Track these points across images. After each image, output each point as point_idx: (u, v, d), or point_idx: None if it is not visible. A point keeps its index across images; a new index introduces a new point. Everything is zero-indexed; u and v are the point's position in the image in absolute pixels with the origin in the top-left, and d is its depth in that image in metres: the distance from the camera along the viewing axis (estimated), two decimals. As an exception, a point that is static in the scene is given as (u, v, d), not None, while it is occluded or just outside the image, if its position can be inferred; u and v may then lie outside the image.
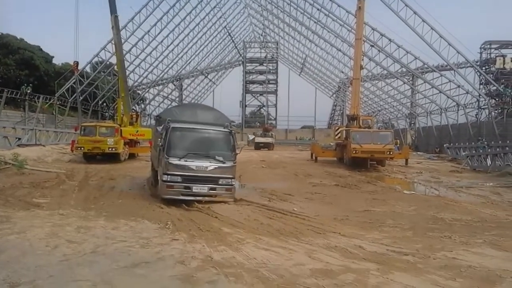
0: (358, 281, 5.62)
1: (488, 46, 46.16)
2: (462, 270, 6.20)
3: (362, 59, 32.40)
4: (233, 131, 12.19)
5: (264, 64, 77.16)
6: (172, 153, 11.13)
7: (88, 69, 49.48)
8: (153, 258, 6.39)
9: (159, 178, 11.58)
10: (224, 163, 11.39)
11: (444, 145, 37.72)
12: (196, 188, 11.08)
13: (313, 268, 6.15)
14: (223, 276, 5.67)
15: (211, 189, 11.23)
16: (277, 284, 5.45)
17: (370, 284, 5.56)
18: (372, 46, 43.84)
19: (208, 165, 11.22)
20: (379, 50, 44.40)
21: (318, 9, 45.75)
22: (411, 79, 51.96)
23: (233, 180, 11.59)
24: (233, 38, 72.82)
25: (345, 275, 5.85)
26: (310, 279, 5.67)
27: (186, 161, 11.10)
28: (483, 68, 44.76)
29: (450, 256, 6.93)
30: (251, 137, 50.37)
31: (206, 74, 78.25)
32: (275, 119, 79.99)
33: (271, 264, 6.23)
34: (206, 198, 11.20)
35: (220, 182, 11.29)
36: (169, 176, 10.97)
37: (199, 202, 10.94)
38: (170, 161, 11.01)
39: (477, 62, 44.79)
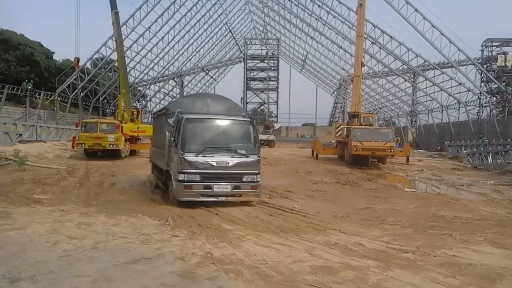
0: (358, 278, 5.61)
1: (490, 43, 45.87)
2: (462, 268, 6.19)
3: (363, 56, 32.35)
4: (254, 121, 11.21)
5: (265, 61, 76.84)
6: (188, 148, 9.94)
7: (88, 65, 49.46)
8: (153, 254, 6.39)
9: (173, 178, 10.27)
10: (247, 157, 10.29)
11: (445, 143, 37.66)
12: (218, 187, 9.97)
13: (313, 265, 6.14)
14: (223, 272, 5.67)
15: (235, 187, 10.11)
16: (277, 281, 5.45)
17: (370, 281, 5.55)
18: (373, 43, 43.73)
19: (230, 160, 10.07)
20: (380, 47, 44.33)
21: (319, 6, 45.75)
22: (412, 76, 51.81)
23: (258, 176, 10.43)
24: (234, 35, 72.73)
25: (345, 272, 5.85)
26: (310, 276, 5.67)
27: (205, 156, 9.91)
28: (485, 65, 44.54)
29: (450, 254, 6.92)
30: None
31: (207, 71, 78.17)
32: (276, 116, 79.95)
33: (271, 261, 6.23)
34: (230, 199, 10.15)
35: (244, 179, 10.19)
36: (185, 175, 9.81)
37: (222, 203, 9.99)
38: (186, 158, 9.83)
39: (478, 59, 44.59)
